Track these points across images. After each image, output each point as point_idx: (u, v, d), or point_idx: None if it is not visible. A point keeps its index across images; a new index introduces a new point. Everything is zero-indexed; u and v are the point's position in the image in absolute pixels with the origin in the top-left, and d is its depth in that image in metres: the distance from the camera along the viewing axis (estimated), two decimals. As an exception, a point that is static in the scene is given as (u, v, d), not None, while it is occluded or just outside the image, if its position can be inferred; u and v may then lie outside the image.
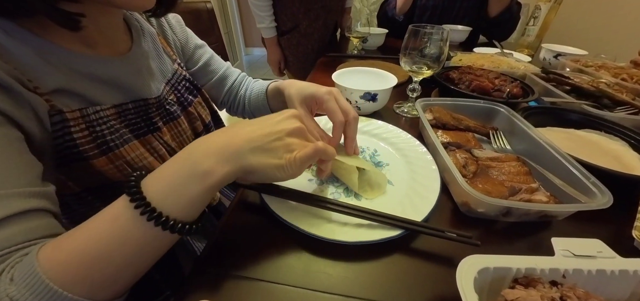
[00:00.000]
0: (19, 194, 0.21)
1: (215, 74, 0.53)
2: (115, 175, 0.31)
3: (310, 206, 0.30)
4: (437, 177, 0.35)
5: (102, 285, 0.20)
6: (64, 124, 0.27)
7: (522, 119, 0.42)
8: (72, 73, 0.28)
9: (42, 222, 0.22)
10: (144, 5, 0.28)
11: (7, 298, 0.17)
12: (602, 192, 0.29)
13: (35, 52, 0.26)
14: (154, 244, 0.22)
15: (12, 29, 0.25)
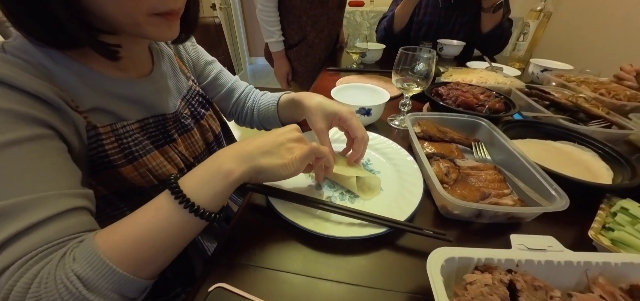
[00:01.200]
0: (68, 194, 0.26)
1: (223, 87, 0.57)
2: (139, 181, 0.36)
3: (310, 207, 0.35)
4: (420, 184, 0.40)
5: (145, 263, 0.26)
6: (97, 137, 0.32)
7: (500, 132, 0.47)
8: (105, 94, 0.33)
9: (86, 218, 0.27)
10: (171, 37, 0.33)
11: (72, 274, 0.22)
12: (561, 197, 0.34)
13: (77, 77, 0.31)
14: (187, 228, 0.27)
15: (59, 57, 0.30)
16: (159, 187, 0.38)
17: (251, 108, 0.59)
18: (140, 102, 0.37)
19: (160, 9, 0.29)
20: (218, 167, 0.28)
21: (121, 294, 0.24)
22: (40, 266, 0.23)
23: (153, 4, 0.28)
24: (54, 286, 0.22)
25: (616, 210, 0.36)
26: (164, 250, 0.27)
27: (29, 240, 0.23)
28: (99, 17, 0.28)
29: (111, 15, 0.28)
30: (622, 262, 0.27)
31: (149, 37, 0.33)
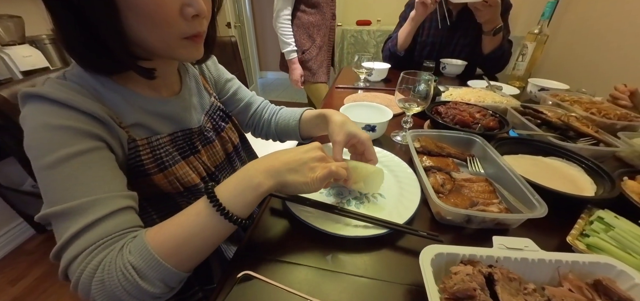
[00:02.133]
0: (120, 196, 0.33)
1: (241, 101, 0.63)
2: (167, 188, 0.42)
3: (322, 211, 0.41)
4: (418, 192, 0.45)
5: (185, 259, 0.31)
6: (136, 149, 0.38)
7: (492, 148, 0.52)
8: (142, 111, 0.40)
9: (133, 216, 0.34)
10: (198, 57, 0.39)
11: (129, 264, 0.28)
12: (541, 205, 0.38)
13: (120, 97, 0.38)
14: (220, 231, 0.32)
15: (106, 81, 0.37)
16: (184, 193, 0.44)
17: (268, 121, 0.65)
18: (170, 117, 0.44)
19: (189, 32, 0.34)
20: (249, 180, 0.33)
21: (165, 283, 0.30)
22: (103, 255, 0.29)
23: (183, 29, 0.34)
24: (114, 273, 0.28)
25: (593, 219, 0.40)
26: (200, 248, 0.32)
27: (93, 233, 0.29)
28: (140, 45, 0.34)
29: (151, 42, 0.34)
30: (589, 261, 0.31)
31: (180, 58, 0.39)
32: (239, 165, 0.59)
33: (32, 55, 1.10)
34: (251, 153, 0.67)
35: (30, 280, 1.23)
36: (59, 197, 0.29)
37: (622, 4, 1.30)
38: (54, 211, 0.29)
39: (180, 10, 0.32)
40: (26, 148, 0.31)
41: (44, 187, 0.30)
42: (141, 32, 0.32)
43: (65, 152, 0.30)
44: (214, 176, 0.51)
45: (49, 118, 0.30)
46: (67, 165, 0.30)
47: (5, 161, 1.27)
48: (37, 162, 0.30)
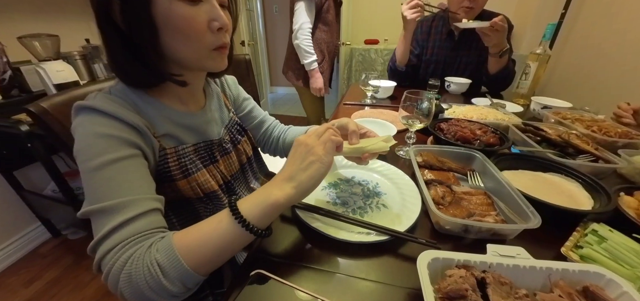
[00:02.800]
0: (151, 198, 0.37)
1: (256, 119, 0.70)
2: (189, 193, 0.47)
3: (329, 217, 0.45)
4: (419, 203, 0.48)
5: (204, 263, 0.34)
6: (165, 157, 0.44)
7: (490, 163, 0.55)
8: (173, 123, 0.45)
9: (160, 217, 0.38)
10: (223, 67, 0.45)
11: (155, 261, 0.32)
12: (535, 216, 0.41)
13: (155, 110, 0.43)
14: (240, 240, 0.35)
15: (144, 96, 0.43)
16: (203, 199, 0.49)
17: (276, 138, 0.71)
18: (195, 129, 0.49)
19: (216, 44, 0.40)
20: (267, 196, 0.35)
21: (183, 283, 0.33)
22: (133, 250, 0.33)
23: (211, 41, 0.40)
24: (141, 267, 0.32)
25: (588, 232, 0.42)
26: (219, 254, 0.35)
27: (127, 230, 0.33)
28: (174, 60, 0.41)
29: (184, 56, 0.40)
30: (579, 269, 0.33)
31: (208, 68, 0.44)
32: (251, 176, 0.64)
33: (64, 70, 1.21)
34: (262, 165, 0.71)
35: (43, 282, 1.28)
36: (100, 195, 0.34)
37: (626, 23, 1.32)
38: (95, 208, 0.34)
39: (207, 24, 0.39)
40: (76, 153, 0.36)
41: (88, 186, 0.35)
42: (176, 47, 0.39)
43: (109, 157, 0.35)
44: (229, 184, 0.55)
45: (98, 127, 0.36)
46: (110, 168, 0.35)
47: (30, 166, 1.37)
48: (85, 165, 0.35)
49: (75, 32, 1.47)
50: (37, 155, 1.08)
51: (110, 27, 0.37)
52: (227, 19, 0.41)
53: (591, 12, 1.58)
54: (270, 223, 0.37)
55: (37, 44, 1.20)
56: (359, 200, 0.52)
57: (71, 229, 1.53)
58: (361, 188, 0.55)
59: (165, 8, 0.36)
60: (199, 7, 0.38)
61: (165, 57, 0.40)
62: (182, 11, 0.36)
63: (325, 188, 0.56)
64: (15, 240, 1.39)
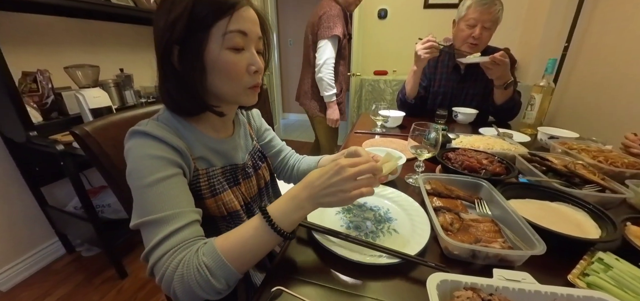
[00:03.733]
0: (193, 211, 0.43)
1: (274, 148, 0.77)
2: (214, 211, 0.52)
3: (344, 240, 0.48)
4: (429, 228, 0.51)
5: (243, 263, 0.40)
6: (197, 177, 0.50)
7: (497, 192, 0.58)
8: (206, 147, 0.52)
9: (199, 228, 0.43)
10: (255, 102, 0.52)
11: (203, 263, 0.37)
12: (539, 243, 0.43)
13: (193, 135, 0.50)
14: (271, 241, 0.40)
15: (184, 123, 0.50)
16: (226, 217, 0.54)
17: (292, 166, 0.78)
18: (224, 154, 0.55)
19: (251, 83, 0.48)
20: (296, 205, 0.41)
21: (227, 281, 0.39)
22: (182, 255, 0.38)
23: (248, 81, 0.48)
24: (191, 269, 0.37)
25: (594, 260, 0.43)
26: (255, 254, 0.41)
27: (175, 238, 0.39)
28: (215, 95, 0.48)
29: (225, 92, 0.47)
30: (583, 295, 0.35)
31: (243, 103, 0.51)
32: (266, 200, 0.69)
33: (100, 96, 1.33)
34: (277, 192, 0.77)
35: (53, 298, 1.31)
36: (152, 208, 0.40)
37: (628, 58, 1.36)
38: (148, 219, 0.39)
39: (246, 68, 0.47)
40: (129, 172, 0.42)
41: (140, 201, 0.41)
42: (219, 85, 0.47)
43: (160, 175, 0.41)
44: (249, 205, 0.60)
45: (149, 150, 0.43)
46: (160, 185, 0.41)
47: (56, 183, 1.48)
48: (138, 182, 0.41)
49: (112, 62, 1.65)
50: (67, 172, 1.17)
51: (168, 65, 0.45)
52: (261, 64, 0.49)
53: (593, 47, 1.64)
54: (294, 227, 0.43)
55: (79, 73, 1.35)
56: (371, 225, 0.55)
57: (85, 246, 1.59)
58: (373, 214, 0.59)
59: (215, 55, 0.44)
60: (242, 55, 0.46)
61: (209, 92, 0.48)
62: (229, 58, 0.45)
63: (338, 213, 0.59)
64: (32, 255, 1.45)
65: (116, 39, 1.70)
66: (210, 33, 0.43)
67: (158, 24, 0.44)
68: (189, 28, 0.42)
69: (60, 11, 1.38)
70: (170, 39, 0.43)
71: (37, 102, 1.27)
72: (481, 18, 1.12)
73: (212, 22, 0.43)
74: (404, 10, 2.39)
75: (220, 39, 0.43)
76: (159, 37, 0.44)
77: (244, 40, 0.45)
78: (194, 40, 0.43)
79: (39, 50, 1.37)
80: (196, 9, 0.42)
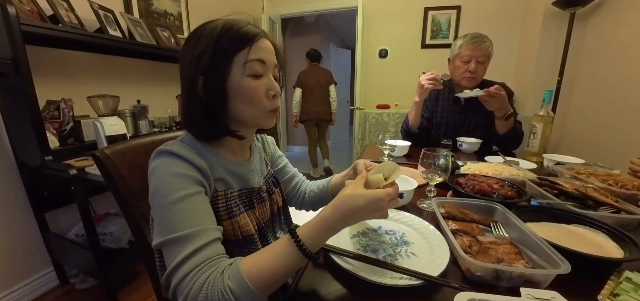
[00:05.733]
0: (215, 228, 0.44)
1: (287, 174, 0.78)
2: (230, 234, 0.52)
3: (364, 263, 0.48)
4: (447, 251, 0.51)
5: (269, 287, 0.39)
6: (216, 198, 0.51)
7: (513, 214, 0.58)
8: (225, 170, 0.54)
9: (221, 246, 0.43)
10: (273, 125, 0.55)
11: (228, 288, 0.36)
12: (564, 263, 0.42)
13: (214, 158, 0.52)
14: (297, 263, 0.40)
15: (206, 146, 0.52)
16: (241, 241, 0.53)
17: (303, 192, 0.79)
18: (241, 177, 0.57)
19: (270, 107, 0.51)
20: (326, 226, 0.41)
21: None
22: (207, 274, 0.38)
23: (267, 105, 0.51)
24: (216, 291, 0.36)
25: (622, 280, 0.42)
26: (280, 279, 0.40)
27: (198, 257, 0.39)
28: (236, 120, 0.51)
29: (245, 116, 0.50)
30: (617, 315, 0.34)
31: (262, 126, 0.54)
32: (278, 226, 0.69)
33: (117, 124, 1.40)
34: (288, 218, 0.76)
35: None
36: (176, 225, 0.40)
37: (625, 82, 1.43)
38: (172, 237, 0.40)
39: (265, 93, 0.50)
40: (153, 189, 0.44)
41: (164, 219, 0.41)
42: (241, 110, 0.50)
43: (184, 193, 0.43)
44: (263, 231, 0.60)
45: (175, 168, 0.44)
46: (184, 202, 0.42)
47: (60, 210, 1.47)
48: (163, 199, 0.42)
49: (129, 93, 1.75)
50: (76, 197, 1.18)
51: (193, 94, 0.49)
52: (278, 88, 0.53)
53: (587, 78, 1.72)
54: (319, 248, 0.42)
55: (100, 102, 1.42)
56: (388, 248, 0.55)
57: (80, 277, 1.53)
58: (389, 238, 0.58)
59: (236, 82, 0.48)
60: (261, 81, 0.50)
61: (231, 117, 0.51)
62: (249, 84, 0.48)
63: (354, 236, 0.59)
64: (26, 284, 1.39)
65: (136, 73, 1.82)
66: (232, 62, 0.47)
67: (185, 58, 0.49)
68: (213, 59, 0.47)
69: (90, 48, 1.50)
70: (196, 70, 0.47)
71: (57, 128, 1.33)
72: (474, 54, 1.20)
73: (233, 53, 0.47)
74: (403, 50, 2.55)
75: (241, 67, 0.47)
76: (185, 69, 0.48)
77: (263, 67, 0.49)
78: (218, 70, 0.47)
79: (65, 81, 1.48)
80: (220, 43, 0.47)
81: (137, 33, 1.65)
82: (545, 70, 1.99)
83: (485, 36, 1.21)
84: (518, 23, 2.23)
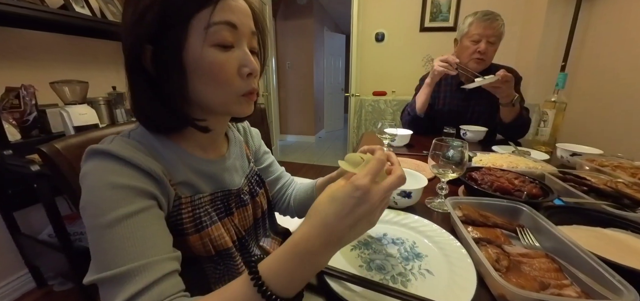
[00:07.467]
0: (168, 259, 0.32)
1: (273, 174, 0.66)
2: (199, 250, 0.41)
3: (369, 289, 0.37)
4: (473, 270, 0.41)
5: None
6: (179, 207, 0.39)
7: (545, 219, 0.49)
8: (191, 170, 0.42)
9: (178, 280, 0.32)
10: (249, 112, 0.43)
11: None
12: (629, 290, 0.33)
13: (175, 155, 0.40)
14: None
15: (164, 140, 0.40)
16: (214, 257, 0.43)
17: (289, 196, 0.67)
18: (214, 177, 0.45)
19: (245, 89, 0.39)
20: (306, 259, 0.29)
21: None
22: None
23: (240, 87, 0.39)
24: None
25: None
26: None
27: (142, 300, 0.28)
28: (200, 105, 0.39)
29: (211, 101, 0.39)
30: None
31: (235, 113, 0.42)
32: (262, 232, 0.58)
33: (87, 114, 1.25)
34: (273, 222, 0.66)
35: None
36: (111, 259, 0.29)
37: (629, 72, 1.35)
38: (104, 277, 0.29)
39: (237, 70, 0.38)
40: (83, 206, 0.31)
41: (97, 247, 0.30)
42: (204, 93, 0.38)
43: (122, 212, 0.31)
44: (243, 240, 0.49)
45: (111, 176, 0.32)
46: (123, 225, 0.30)
47: (30, 208, 1.34)
48: (94, 221, 0.30)
49: (104, 79, 1.58)
50: (41, 196, 1.06)
51: (139, 70, 0.36)
52: (256, 65, 0.40)
53: (593, 62, 1.64)
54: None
55: (67, 89, 1.26)
56: (397, 264, 0.45)
57: (59, 279, 1.42)
58: (397, 249, 0.48)
59: (197, 54, 0.35)
60: (231, 53, 0.37)
61: (192, 101, 0.39)
62: (214, 57, 0.36)
63: (354, 248, 0.49)
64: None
65: (110, 56, 1.64)
66: (189, 26, 0.34)
67: (125, 18, 0.35)
68: (162, 20, 0.33)
69: (54, 27, 1.33)
70: (140, 35, 0.34)
71: (18, 118, 1.18)
72: (485, 33, 1.10)
73: (191, 13, 0.34)
74: (401, 34, 2.41)
75: (202, 34, 0.35)
76: (126, 34, 0.35)
77: (234, 34, 0.37)
78: (170, 36, 0.34)
79: (27, 65, 1.30)
80: None
81: (108, 11, 1.48)
82: (548, 55, 1.90)
83: (497, 14, 1.10)
84: (522, 3, 2.12)
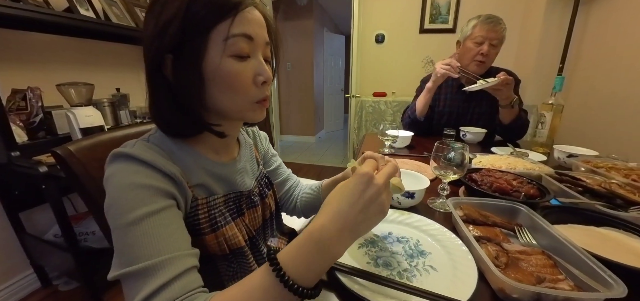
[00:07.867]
0: (187, 255, 0.34)
1: (281, 176, 0.69)
2: (215, 249, 0.43)
3: (373, 282, 0.40)
4: (474, 266, 0.43)
5: None
6: (196, 208, 0.42)
7: (541, 218, 0.51)
8: (206, 172, 0.44)
9: (197, 276, 0.34)
10: (262, 118, 0.45)
11: None
12: (618, 284, 0.36)
13: (192, 159, 0.43)
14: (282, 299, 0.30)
15: (181, 144, 0.43)
16: (228, 256, 0.45)
17: (296, 197, 0.70)
18: (227, 179, 0.48)
19: (259, 97, 0.42)
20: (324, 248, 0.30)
21: None
22: None
23: (255, 94, 0.41)
24: None
25: (681, 301, 0.36)
26: None
27: (168, 293, 0.30)
28: (216, 111, 0.41)
29: (227, 107, 0.41)
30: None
31: (248, 119, 0.45)
32: (269, 232, 0.61)
33: (92, 116, 1.27)
34: (280, 222, 0.68)
35: None
36: (136, 254, 0.31)
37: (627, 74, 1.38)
38: (128, 271, 0.31)
39: (253, 79, 0.40)
40: (108, 206, 0.34)
41: (122, 243, 0.32)
42: (221, 100, 0.40)
43: (146, 210, 0.33)
44: (254, 240, 0.52)
45: (134, 177, 0.34)
46: (146, 222, 0.32)
47: (36, 209, 1.36)
48: (119, 219, 0.32)
49: (108, 81, 1.60)
50: (48, 196, 1.08)
51: (159, 78, 0.38)
52: (270, 73, 0.42)
53: (588, 66, 1.67)
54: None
55: (72, 91, 1.28)
56: (402, 261, 0.47)
57: (64, 279, 1.44)
58: (402, 247, 0.51)
59: (215, 64, 0.37)
60: (247, 63, 0.40)
61: (209, 108, 0.41)
62: (232, 67, 0.38)
63: (361, 246, 0.51)
64: (3, 289, 1.30)
65: (114, 58, 1.66)
66: (209, 38, 0.37)
67: (147, 29, 0.38)
68: (183, 32, 0.36)
69: (59, 30, 1.34)
70: (162, 46, 0.36)
71: (24, 120, 1.20)
72: (488, 36, 1.13)
73: (211, 25, 0.36)
74: (401, 35, 2.44)
75: (221, 45, 0.37)
76: (148, 45, 0.38)
77: (250, 45, 0.39)
78: (190, 47, 0.36)
79: (33, 67, 1.32)
80: (192, 9, 0.35)
81: (112, 13, 1.50)
82: (546, 58, 1.93)
83: (500, 18, 1.13)
84: (520, 6, 2.15)
